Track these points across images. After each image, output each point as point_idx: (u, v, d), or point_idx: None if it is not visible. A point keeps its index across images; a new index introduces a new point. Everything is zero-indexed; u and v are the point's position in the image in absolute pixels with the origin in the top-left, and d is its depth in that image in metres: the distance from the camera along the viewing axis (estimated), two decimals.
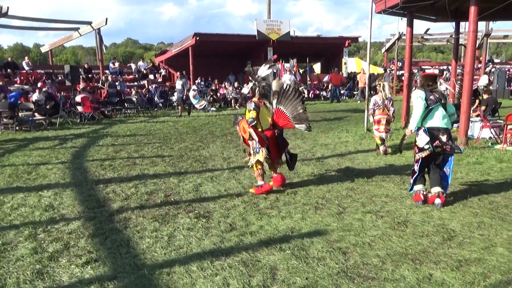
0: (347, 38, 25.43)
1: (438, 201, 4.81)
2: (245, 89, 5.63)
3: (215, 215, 4.70)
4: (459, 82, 11.65)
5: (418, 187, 4.97)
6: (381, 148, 7.90)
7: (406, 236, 3.99)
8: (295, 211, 4.75)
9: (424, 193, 4.92)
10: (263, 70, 5.47)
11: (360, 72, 22.43)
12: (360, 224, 4.30)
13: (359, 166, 6.95)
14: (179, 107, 15.86)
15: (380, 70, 30.04)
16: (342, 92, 22.70)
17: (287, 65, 22.98)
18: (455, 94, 12.13)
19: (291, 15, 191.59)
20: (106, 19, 19.45)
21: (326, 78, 23.66)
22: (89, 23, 19.98)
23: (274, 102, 5.56)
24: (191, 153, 8.31)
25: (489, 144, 8.33)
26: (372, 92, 14.30)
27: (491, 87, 10.74)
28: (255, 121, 5.26)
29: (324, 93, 23.38)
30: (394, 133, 9.97)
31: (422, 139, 4.88)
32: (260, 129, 5.37)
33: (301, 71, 27.96)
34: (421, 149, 4.89)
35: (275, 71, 5.67)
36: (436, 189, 4.85)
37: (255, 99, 5.44)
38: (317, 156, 7.87)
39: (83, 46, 79.44)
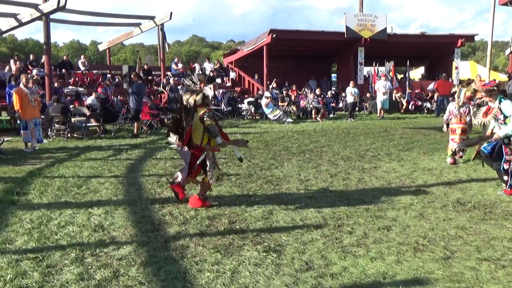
0: (459, 36, 24.47)
1: None
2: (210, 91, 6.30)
3: (288, 249, 4.66)
4: None
5: None
6: (449, 160, 9.22)
7: None
8: (388, 252, 4.57)
9: None
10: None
11: (473, 80, 21.32)
12: (474, 275, 4.03)
13: (473, 199, 6.56)
14: (135, 124, 14.33)
15: (502, 78, 28.48)
16: None
17: (381, 69, 22.52)
18: None
19: (389, 8, 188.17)
20: (171, 13, 20.44)
21: (431, 86, 22.92)
22: (152, 17, 21.14)
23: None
24: (262, 173, 8.38)
25: None
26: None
27: None
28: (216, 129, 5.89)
29: (428, 105, 22.59)
30: None
31: None
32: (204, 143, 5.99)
33: (399, 77, 27.35)
34: None
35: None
36: None
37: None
38: (417, 183, 7.57)
39: (143, 44, 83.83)
